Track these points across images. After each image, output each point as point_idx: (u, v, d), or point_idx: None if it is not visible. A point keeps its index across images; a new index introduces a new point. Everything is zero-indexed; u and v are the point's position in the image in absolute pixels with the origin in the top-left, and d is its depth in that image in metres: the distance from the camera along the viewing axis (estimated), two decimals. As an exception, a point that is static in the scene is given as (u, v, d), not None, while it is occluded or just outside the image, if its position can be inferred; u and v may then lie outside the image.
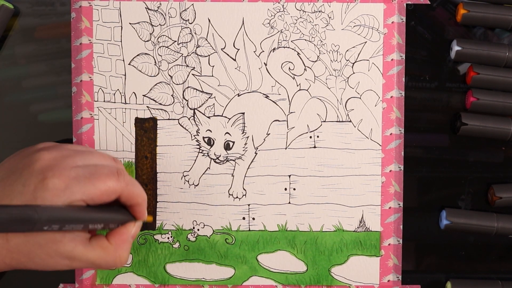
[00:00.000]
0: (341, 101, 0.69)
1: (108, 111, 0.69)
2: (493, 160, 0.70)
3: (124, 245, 0.58)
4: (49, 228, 0.50)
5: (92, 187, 0.54)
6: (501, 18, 0.67)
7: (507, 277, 0.70)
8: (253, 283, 0.70)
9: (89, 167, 0.56)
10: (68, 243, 0.54)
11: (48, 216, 0.50)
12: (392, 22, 0.68)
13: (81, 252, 0.55)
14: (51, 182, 0.53)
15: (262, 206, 0.69)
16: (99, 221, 0.55)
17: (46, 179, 0.53)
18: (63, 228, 0.52)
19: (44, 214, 0.50)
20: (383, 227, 0.69)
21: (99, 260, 0.57)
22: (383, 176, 0.69)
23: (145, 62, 0.69)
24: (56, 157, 0.55)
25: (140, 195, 0.58)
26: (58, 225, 0.51)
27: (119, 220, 0.58)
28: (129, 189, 0.57)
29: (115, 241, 0.58)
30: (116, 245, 0.58)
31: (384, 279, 0.69)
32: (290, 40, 0.68)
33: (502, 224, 0.68)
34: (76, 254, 0.55)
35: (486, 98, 0.68)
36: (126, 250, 0.58)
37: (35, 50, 0.69)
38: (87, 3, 0.68)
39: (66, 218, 0.52)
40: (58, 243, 0.54)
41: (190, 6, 0.68)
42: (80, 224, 0.53)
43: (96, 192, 0.54)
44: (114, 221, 0.57)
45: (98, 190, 0.55)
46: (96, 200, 0.55)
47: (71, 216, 0.53)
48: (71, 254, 0.55)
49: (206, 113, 0.69)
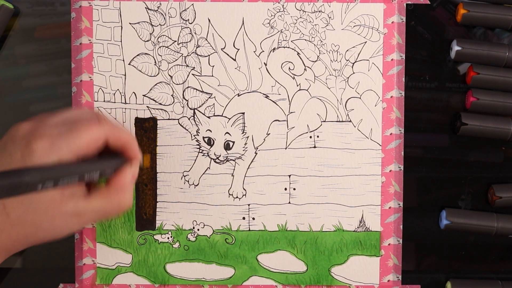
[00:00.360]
0: (341, 101, 0.69)
1: (108, 111, 0.69)
2: (493, 160, 0.70)
3: (124, 187, 0.58)
4: (43, 186, 0.50)
5: (77, 139, 0.54)
6: (501, 18, 0.67)
7: (507, 277, 0.70)
8: (253, 283, 0.70)
9: (69, 122, 0.56)
10: (69, 201, 0.55)
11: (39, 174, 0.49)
12: (392, 22, 0.68)
13: (84, 205, 0.56)
14: (36, 145, 0.53)
15: (262, 206, 0.69)
16: (93, 170, 0.55)
17: (30, 143, 0.53)
18: (58, 183, 0.51)
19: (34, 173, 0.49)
20: (383, 227, 0.69)
21: (104, 208, 0.57)
22: (383, 176, 0.69)
23: (145, 62, 0.69)
24: (35, 122, 0.56)
25: (127, 135, 0.58)
26: (52, 181, 0.51)
27: (114, 165, 0.58)
28: (114, 132, 0.57)
29: (114, 186, 0.58)
30: (116, 189, 0.58)
31: (384, 279, 0.69)
32: (290, 40, 0.68)
33: (502, 224, 0.68)
34: (80, 208, 0.55)
35: (486, 98, 0.68)
36: (128, 192, 0.58)
37: (35, 50, 0.69)
38: (87, 3, 0.68)
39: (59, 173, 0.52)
40: (60, 203, 0.54)
41: (190, 6, 0.68)
42: (75, 176, 0.53)
43: (81, 142, 0.55)
44: (109, 167, 0.57)
45: (83, 140, 0.55)
46: (84, 150, 0.55)
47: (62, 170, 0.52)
48: (75, 210, 0.55)
49: (206, 113, 0.69)
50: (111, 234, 0.69)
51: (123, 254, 0.69)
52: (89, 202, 0.56)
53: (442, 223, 0.69)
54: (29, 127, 0.55)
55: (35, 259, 0.70)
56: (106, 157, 0.58)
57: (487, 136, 0.68)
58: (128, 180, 0.59)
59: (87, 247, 0.69)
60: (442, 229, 0.69)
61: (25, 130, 0.55)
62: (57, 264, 0.70)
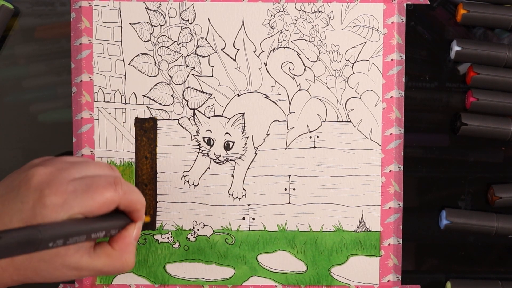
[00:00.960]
0: (341, 101, 0.69)
1: (108, 111, 0.69)
2: (493, 160, 0.70)
3: (128, 248, 0.58)
4: (53, 244, 0.50)
5: (90, 200, 0.54)
6: (501, 18, 0.67)
7: (507, 277, 0.70)
8: (253, 283, 0.70)
9: (85, 179, 0.55)
10: (73, 255, 0.55)
11: (51, 234, 0.50)
12: (392, 22, 0.68)
13: (87, 261, 0.56)
14: (49, 199, 0.53)
15: (262, 206, 0.69)
16: (100, 230, 0.55)
17: (43, 195, 0.53)
18: (67, 242, 0.52)
19: (46, 232, 0.50)
20: (383, 227, 0.69)
21: (106, 267, 0.57)
22: (383, 176, 0.69)
23: (145, 62, 0.69)
24: (52, 172, 0.55)
25: (138, 201, 0.58)
26: (61, 240, 0.51)
27: (120, 226, 0.58)
28: (127, 198, 0.57)
29: (119, 246, 0.58)
30: (121, 250, 0.58)
31: (384, 279, 0.69)
32: (290, 40, 0.68)
33: (502, 224, 0.68)
34: (83, 264, 0.55)
35: (486, 98, 0.68)
36: (131, 253, 0.59)
37: (35, 50, 0.69)
38: (87, 3, 0.68)
39: (68, 233, 0.52)
40: (63, 256, 0.54)
41: (190, 6, 0.68)
42: (83, 235, 0.53)
43: (94, 204, 0.54)
44: (114, 227, 0.57)
45: (96, 203, 0.54)
46: (95, 212, 0.55)
47: (72, 229, 0.52)
48: (78, 265, 0.55)
49: (206, 113, 0.69)
50: None
51: (123, 254, 0.69)
52: (92, 260, 0.56)
53: (442, 223, 0.69)
54: (45, 176, 0.55)
55: (35, 259, 0.70)
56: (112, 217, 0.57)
57: (487, 136, 0.68)
58: (132, 241, 0.59)
59: (87, 247, 0.69)
60: (442, 229, 0.69)
61: (41, 178, 0.54)
62: (57, 264, 0.70)
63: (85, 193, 0.54)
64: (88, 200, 0.54)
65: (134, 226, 0.59)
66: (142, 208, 0.59)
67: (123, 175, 0.69)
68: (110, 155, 0.69)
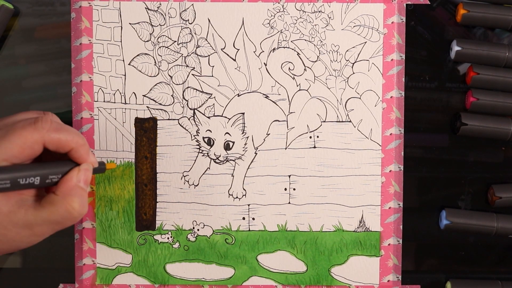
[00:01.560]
0: (341, 101, 0.69)
1: (108, 111, 0.69)
2: (493, 160, 0.70)
3: (71, 192, 0.55)
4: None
5: (8, 143, 0.53)
6: (501, 18, 0.67)
7: (507, 277, 0.70)
8: (253, 283, 0.70)
9: (7, 127, 0.54)
10: (17, 211, 0.53)
11: None
12: (392, 22, 0.68)
13: (34, 214, 0.54)
14: None
15: (262, 206, 0.69)
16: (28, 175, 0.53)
17: None
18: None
19: None
20: (383, 227, 0.69)
21: (53, 216, 0.54)
22: (383, 176, 0.69)
23: (145, 62, 0.69)
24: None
25: (70, 140, 0.55)
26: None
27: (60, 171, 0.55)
28: (52, 136, 0.54)
29: (60, 191, 0.55)
30: (63, 194, 0.55)
31: (384, 279, 0.69)
32: (290, 40, 0.68)
33: (502, 224, 0.68)
34: (30, 218, 0.54)
35: (486, 98, 0.68)
36: (77, 196, 0.55)
37: (35, 50, 0.69)
38: (87, 3, 0.68)
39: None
40: (8, 213, 0.53)
41: (190, 6, 0.68)
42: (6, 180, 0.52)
43: (14, 147, 0.53)
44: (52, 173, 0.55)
45: (15, 145, 0.53)
46: (19, 155, 0.53)
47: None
48: (25, 220, 0.54)
49: (206, 113, 0.69)
50: (111, 234, 0.69)
51: (123, 254, 0.69)
52: (38, 211, 0.54)
53: (442, 223, 0.69)
54: None
55: (35, 259, 0.70)
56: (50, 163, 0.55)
57: (487, 136, 0.68)
58: (77, 185, 0.56)
59: (87, 247, 0.69)
60: (442, 229, 0.69)
61: None
62: (57, 264, 0.70)
63: (4, 138, 0.53)
64: (7, 144, 0.53)
65: (77, 168, 0.56)
66: (79, 147, 0.56)
67: (123, 175, 0.69)
68: (110, 155, 0.69)
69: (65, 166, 0.56)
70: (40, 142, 0.54)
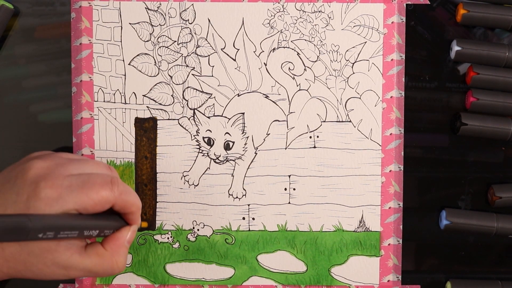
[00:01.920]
0: (341, 101, 0.69)
1: (108, 111, 0.69)
2: (493, 160, 0.70)
3: (120, 250, 0.58)
4: (43, 235, 0.50)
5: (85, 197, 0.54)
6: (501, 18, 0.67)
7: (507, 277, 0.70)
8: (253, 283, 0.70)
9: (82, 176, 0.55)
10: (63, 252, 0.54)
11: (42, 224, 0.50)
12: (392, 22, 0.68)
13: (77, 260, 0.55)
14: (44, 192, 0.53)
15: (262, 206, 0.69)
16: (93, 228, 0.55)
17: (38, 188, 0.53)
18: (57, 235, 0.52)
19: (37, 222, 0.50)
20: (383, 227, 0.69)
21: (96, 268, 0.57)
22: (383, 176, 0.69)
23: (145, 62, 0.69)
24: (50, 166, 0.55)
25: (134, 203, 0.58)
26: (52, 232, 0.51)
27: (114, 227, 0.58)
28: (122, 198, 0.56)
29: (110, 247, 0.58)
30: (112, 251, 0.57)
31: (384, 279, 0.69)
32: (290, 40, 0.68)
33: (502, 224, 0.68)
34: (73, 262, 0.55)
35: (486, 98, 0.68)
36: (123, 255, 0.58)
37: (35, 50, 0.69)
38: (87, 3, 0.68)
39: (60, 225, 0.52)
40: (54, 252, 0.54)
41: (190, 6, 0.68)
42: (75, 231, 0.53)
43: (89, 201, 0.54)
44: (109, 228, 0.57)
45: (91, 200, 0.54)
46: (89, 210, 0.55)
47: (64, 223, 0.52)
48: (67, 263, 0.55)
49: (206, 113, 0.69)
50: None
51: (123, 254, 0.69)
52: (82, 259, 0.56)
53: (442, 223, 0.69)
54: (42, 170, 0.55)
55: (35, 259, 0.70)
56: (107, 217, 0.57)
57: (487, 136, 0.68)
58: (125, 244, 0.58)
59: (87, 247, 0.69)
60: (442, 229, 0.69)
61: (37, 172, 0.54)
62: (57, 264, 0.70)
63: (81, 189, 0.54)
64: (83, 197, 0.54)
65: (128, 228, 0.59)
66: (137, 211, 0.59)
67: (123, 175, 0.69)
68: (110, 155, 0.69)
69: (116, 223, 0.58)
70: (111, 203, 0.56)
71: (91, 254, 0.56)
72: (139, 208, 0.59)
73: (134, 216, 0.59)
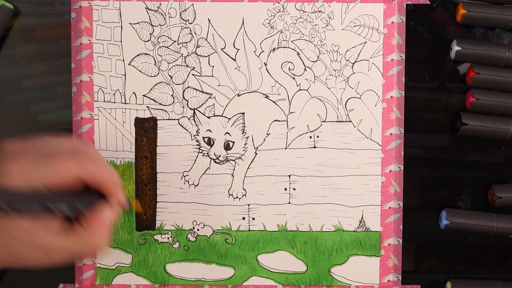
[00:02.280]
0: (341, 101, 0.69)
1: (108, 111, 0.69)
2: (493, 160, 0.70)
3: (99, 229, 0.56)
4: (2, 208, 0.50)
5: (48, 169, 0.53)
6: (501, 18, 0.67)
7: (507, 277, 0.70)
8: (253, 283, 0.70)
9: (50, 151, 0.54)
10: (41, 233, 0.53)
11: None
12: (392, 22, 0.68)
13: (56, 240, 0.54)
14: (8, 167, 0.52)
15: (262, 206, 0.69)
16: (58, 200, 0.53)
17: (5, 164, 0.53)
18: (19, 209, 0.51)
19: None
20: (383, 227, 0.69)
21: (76, 248, 0.55)
22: (383, 176, 0.69)
23: (145, 62, 0.69)
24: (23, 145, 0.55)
25: (107, 178, 0.56)
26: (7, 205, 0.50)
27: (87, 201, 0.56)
28: (90, 171, 0.55)
29: (89, 226, 0.56)
30: (91, 230, 0.56)
31: (384, 279, 0.69)
32: (290, 40, 0.68)
33: (502, 224, 0.68)
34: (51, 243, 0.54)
35: (486, 98, 0.68)
36: (103, 234, 0.56)
37: (35, 50, 0.69)
38: (87, 3, 0.68)
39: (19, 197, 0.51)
40: (32, 234, 0.53)
41: (190, 6, 0.68)
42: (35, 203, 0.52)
43: (52, 174, 0.53)
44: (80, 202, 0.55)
45: (54, 172, 0.53)
46: (56, 183, 0.53)
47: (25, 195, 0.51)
48: (46, 244, 0.54)
49: (206, 113, 0.69)
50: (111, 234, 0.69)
51: (123, 254, 0.69)
52: (61, 240, 0.54)
53: (442, 223, 0.69)
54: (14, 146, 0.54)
55: (35, 259, 0.70)
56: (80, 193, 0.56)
57: (487, 136, 0.68)
58: (103, 220, 0.56)
59: (87, 247, 0.69)
60: (442, 229, 0.69)
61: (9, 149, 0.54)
62: (57, 264, 0.70)
63: (44, 163, 0.53)
64: (46, 169, 0.53)
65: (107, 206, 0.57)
66: (113, 186, 0.56)
67: (123, 175, 0.69)
68: (110, 155, 0.69)
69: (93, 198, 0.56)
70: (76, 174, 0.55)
71: (70, 234, 0.55)
72: (116, 184, 0.57)
73: (109, 190, 0.56)
